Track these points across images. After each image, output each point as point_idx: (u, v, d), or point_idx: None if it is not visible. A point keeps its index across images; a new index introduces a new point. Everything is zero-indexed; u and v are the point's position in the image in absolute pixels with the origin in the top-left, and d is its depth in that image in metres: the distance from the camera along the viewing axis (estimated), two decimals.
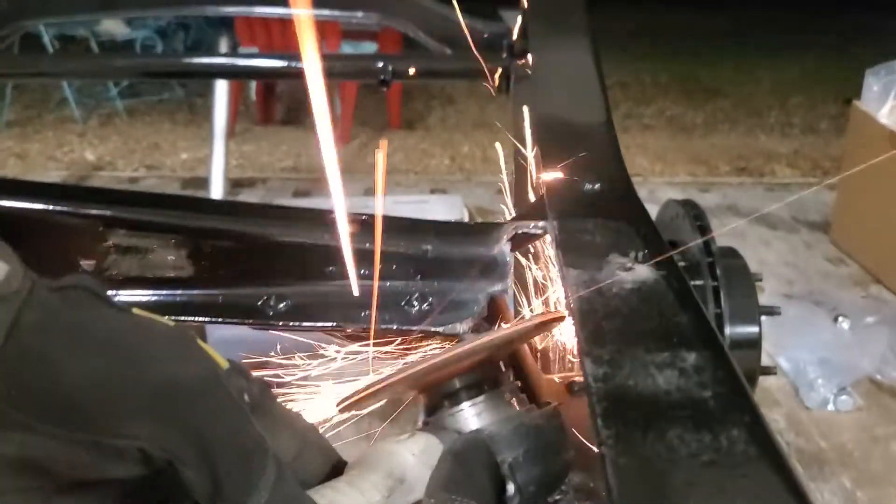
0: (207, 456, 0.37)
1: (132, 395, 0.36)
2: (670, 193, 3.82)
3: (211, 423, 0.37)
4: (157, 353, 0.38)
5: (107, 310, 0.39)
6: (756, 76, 6.15)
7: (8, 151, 4.38)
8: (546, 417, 0.51)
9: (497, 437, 0.49)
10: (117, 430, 0.35)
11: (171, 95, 5.29)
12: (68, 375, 0.35)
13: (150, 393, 0.36)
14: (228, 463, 0.37)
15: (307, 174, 4.16)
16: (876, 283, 2.98)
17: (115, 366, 0.36)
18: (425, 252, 0.66)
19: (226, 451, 0.37)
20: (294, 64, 1.38)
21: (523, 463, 0.48)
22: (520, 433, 0.49)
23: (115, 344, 0.37)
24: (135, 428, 0.36)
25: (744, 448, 0.36)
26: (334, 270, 0.67)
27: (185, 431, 0.36)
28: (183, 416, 0.37)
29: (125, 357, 0.37)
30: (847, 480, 1.98)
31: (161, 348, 0.38)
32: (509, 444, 0.48)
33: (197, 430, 0.37)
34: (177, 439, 0.36)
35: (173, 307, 0.67)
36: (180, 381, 0.37)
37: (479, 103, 5.42)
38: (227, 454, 0.37)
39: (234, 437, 0.38)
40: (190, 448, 0.36)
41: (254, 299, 0.66)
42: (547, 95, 0.91)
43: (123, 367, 0.36)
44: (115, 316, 0.39)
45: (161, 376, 0.37)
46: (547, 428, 0.50)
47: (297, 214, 0.68)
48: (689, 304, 0.49)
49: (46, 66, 1.46)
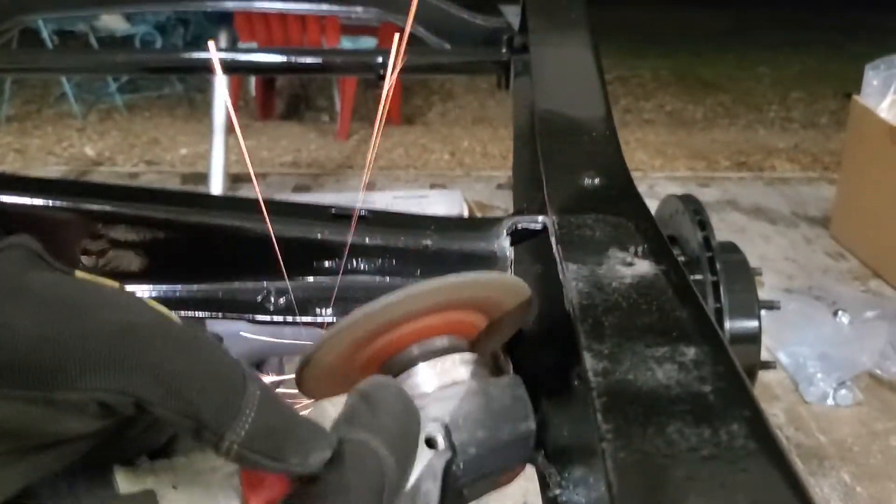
0: (176, 390, 0.35)
1: (83, 345, 0.34)
2: (670, 188, 3.83)
3: (173, 357, 0.36)
4: (105, 303, 0.36)
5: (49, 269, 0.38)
6: (756, 71, 6.15)
7: (7, 146, 4.38)
8: (503, 385, 0.50)
9: (440, 396, 0.49)
10: (71, 383, 0.34)
11: (170, 91, 5.29)
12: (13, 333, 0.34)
13: (103, 341, 0.35)
14: (201, 391, 0.36)
15: (307, 169, 4.16)
16: (876, 278, 2.99)
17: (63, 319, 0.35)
18: (425, 247, 0.66)
19: (195, 380, 0.36)
20: (293, 59, 1.38)
21: (464, 425, 0.47)
22: (464, 395, 0.49)
23: (61, 298, 0.36)
24: (90, 379, 0.34)
25: (743, 442, 0.36)
26: (335, 265, 0.67)
27: (146, 371, 0.35)
28: (140, 357, 0.35)
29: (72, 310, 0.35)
30: (846, 475, 1.99)
31: (109, 299, 0.36)
32: (451, 405, 0.48)
33: (158, 366, 0.35)
34: (139, 382, 0.35)
35: (173, 302, 0.67)
36: (132, 324, 0.35)
37: (479, 98, 5.43)
38: (196, 383, 0.36)
39: (201, 366, 0.36)
40: (156, 387, 0.35)
41: (254, 294, 0.67)
42: (546, 90, 0.91)
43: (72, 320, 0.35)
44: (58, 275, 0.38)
45: (112, 323, 0.35)
46: (500, 395, 0.50)
47: (296, 209, 0.68)
48: (689, 298, 0.49)
49: (46, 61, 1.46)
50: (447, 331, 0.53)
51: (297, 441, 0.38)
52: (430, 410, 0.48)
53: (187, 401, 0.35)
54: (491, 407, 0.49)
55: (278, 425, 0.38)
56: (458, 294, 0.52)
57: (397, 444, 0.42)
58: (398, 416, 0.44)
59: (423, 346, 0.52)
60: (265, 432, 0.37)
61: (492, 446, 0.48)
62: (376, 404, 0.44)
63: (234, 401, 0.36)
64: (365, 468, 0.40)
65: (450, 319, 0.53)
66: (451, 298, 0.51)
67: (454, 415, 0.48)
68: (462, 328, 0.54)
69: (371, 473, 0.40)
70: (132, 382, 0.35)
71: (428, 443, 0.47)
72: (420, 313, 0.51)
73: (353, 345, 0.51)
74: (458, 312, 0.53)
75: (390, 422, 0.43)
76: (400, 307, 0.49)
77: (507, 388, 0.50)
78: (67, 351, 0.34)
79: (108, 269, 0.66)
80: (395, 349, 0.52)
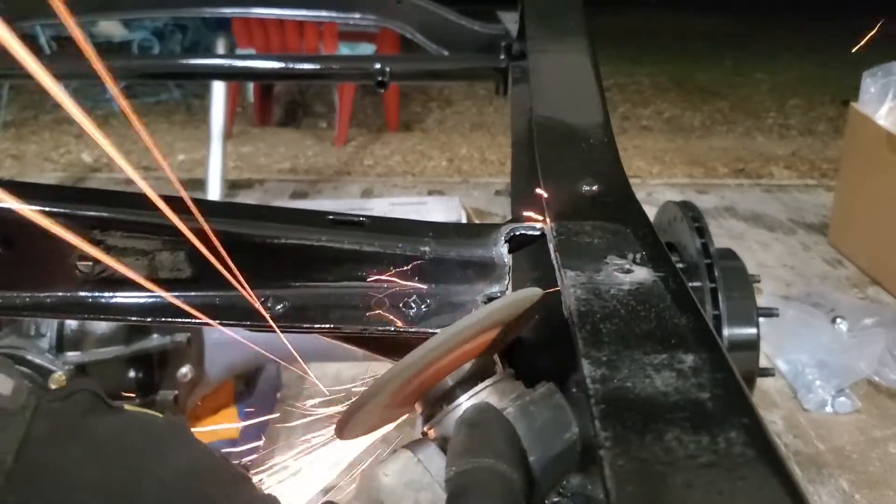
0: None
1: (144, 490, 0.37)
2: (668, 195, 3.83)
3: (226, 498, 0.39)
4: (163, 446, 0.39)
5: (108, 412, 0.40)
6: (754, 78, 6.17)
7: (4, 153, 4.38)
8: (539, 399, 0.50)
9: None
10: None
11: (168, 97, 5.29)
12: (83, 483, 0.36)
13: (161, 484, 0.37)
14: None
15: (305, 176, 4.16)
16: (874, 285, 2.99)
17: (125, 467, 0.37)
18: (423, 253, 0.66)
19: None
20: (291, 65, 1.38)
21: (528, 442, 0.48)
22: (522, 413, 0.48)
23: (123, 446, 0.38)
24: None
25: (742, 450, 0.36)
26: (333, 272, 0.66)
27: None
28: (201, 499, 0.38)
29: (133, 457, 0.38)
30: (845, 482, 1.99)
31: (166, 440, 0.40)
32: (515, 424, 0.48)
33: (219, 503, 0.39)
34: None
35: (170, 309, 0.67)
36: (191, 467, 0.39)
37: (477, 105, 5.44)
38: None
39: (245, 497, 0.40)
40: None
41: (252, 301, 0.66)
42: (544, 97, 0.91)
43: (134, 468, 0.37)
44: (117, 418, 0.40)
45: (173, 468, 0.38)
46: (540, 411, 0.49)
47: (294, 216, 0.68)
48: (688, 305, 0.49)
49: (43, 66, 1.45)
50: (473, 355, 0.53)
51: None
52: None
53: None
54: (535, 427, 0.48)
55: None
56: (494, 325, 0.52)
57: (517, 461, 0.44)
58: (508, 436, 0.45)
59: (456, 376, 0.52)
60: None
61: (545, 466, 0.48)
62: (485, 430, 0.45)
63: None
64: (497, 489, 0.41)
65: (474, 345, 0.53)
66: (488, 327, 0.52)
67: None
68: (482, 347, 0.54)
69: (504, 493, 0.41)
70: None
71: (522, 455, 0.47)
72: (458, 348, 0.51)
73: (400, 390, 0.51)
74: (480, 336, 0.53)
75: (504, 444, 0.44)
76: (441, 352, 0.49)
77: (545, 401, 0.50)
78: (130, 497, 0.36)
79: (105, 275, 0.66)
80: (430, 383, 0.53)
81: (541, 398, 0.50)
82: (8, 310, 0.63)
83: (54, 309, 0.67)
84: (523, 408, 0.49)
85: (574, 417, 0.50)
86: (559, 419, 0.49)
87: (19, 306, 0.64)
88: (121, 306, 0.67)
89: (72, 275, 0.66)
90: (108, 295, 0.67)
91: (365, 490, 0.47)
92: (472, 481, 0.41)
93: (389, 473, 0.47)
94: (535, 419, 0.49)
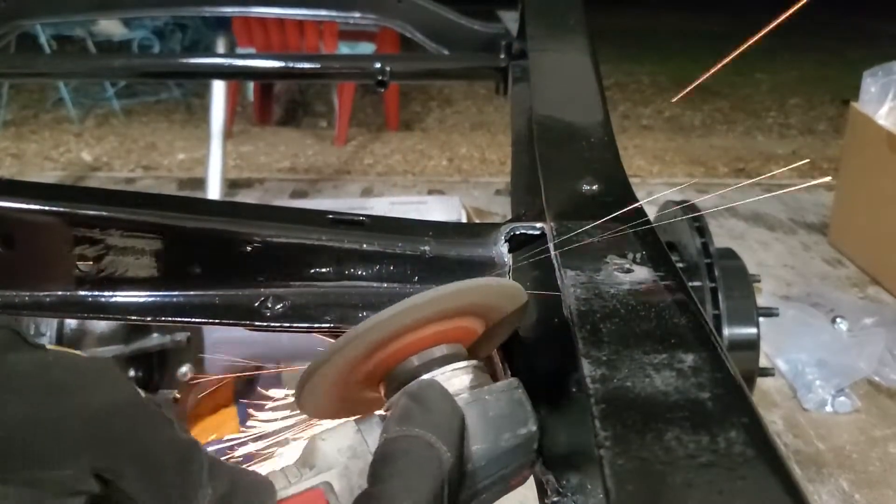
0: (148, 468, 0.38)
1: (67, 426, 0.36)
2: (668, 194, 3.83)
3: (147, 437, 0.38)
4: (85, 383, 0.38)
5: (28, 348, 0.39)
6: (754, 77, 6.17)
7: (4, 151, 4.38)
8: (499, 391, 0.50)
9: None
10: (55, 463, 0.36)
11: (168, 96, 5.29)
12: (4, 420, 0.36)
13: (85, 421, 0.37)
14: (169, 469, 0.38)
15: (304, 175, 4.16)
16: (874, 285, 2.99)
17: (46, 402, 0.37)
18: (423, 253, 0.66)
19: (164, 458, 0.38)
20: (291, 64, 1.38)
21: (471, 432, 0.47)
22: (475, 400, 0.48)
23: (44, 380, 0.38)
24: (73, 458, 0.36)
25: (741, 449, 0.36)
26: (333, 271, 0.66)
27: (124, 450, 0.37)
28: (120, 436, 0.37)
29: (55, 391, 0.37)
30: (845, 482, 1.99)
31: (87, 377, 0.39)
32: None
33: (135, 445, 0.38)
34: (117, 459, 0.37)
35: (170, 308, 0.67)
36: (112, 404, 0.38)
37: (477, 104, 5.44)
38: (166, 461, 0.38)
39: (170, 444, 0.39)
40: (131, 465, 0.37)
41: (251, 300, 0.66)
42: (545, 96, 0.91)
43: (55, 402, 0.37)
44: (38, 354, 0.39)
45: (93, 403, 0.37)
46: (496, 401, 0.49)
47: (294, 215, 0.68)
48: (688, 305, 0.49)
49: (43, 66, 1.46)
50: (445, 339, 0.53)
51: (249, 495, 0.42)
52: None
53: (157, 478, 0.38)
54: (487, 416, 0.48)
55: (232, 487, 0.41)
56: (461, 302, 0.51)
57: (451, 439, 0.43)
58: (447, 412, 0.45)
59: (423, 357, 0.52)
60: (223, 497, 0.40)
61: (491, 457, 0.47)
62: (427, 403, 0.45)
63: (198, 474, 0.39)
64: (422, 461, 0.41)
65: (448, 327, 0.53)
66: (453, 307, 0.51)
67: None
68: (459, 334, 0.54)
69: (429, 466, 0.41)
70: (110, 460, 0.37)
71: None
72: (422, 323, 0.51)
73: (355, 359, 0.50)
74: (456, 319, 0.53)
75: (441, 418, 0.44)
76: (404, 318, 0.49)
77: (503, 394, 0.50)
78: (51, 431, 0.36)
79: (104, 274, 0.66)
80: (395, 361, 0.52)
81: (499, 390, 0.50)
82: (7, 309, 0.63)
83: (54, 308, 0.67)
84: (478, 396, 0.49)
85: (533, 415, 0.50)
86: (515, 414, 0.49)
87: (19, 305, 0.64)
88: (120, 305, 0.67)
89: (71, 274, 0.66)
90: (108, 294, 0.67)
91: (303, 452, 0.47)
92: (399, 449, 0.42)
93: (327, 438, 0.47)
94: (488, 409, 0.48)
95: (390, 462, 0.41)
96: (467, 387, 0.51)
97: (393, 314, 0.48)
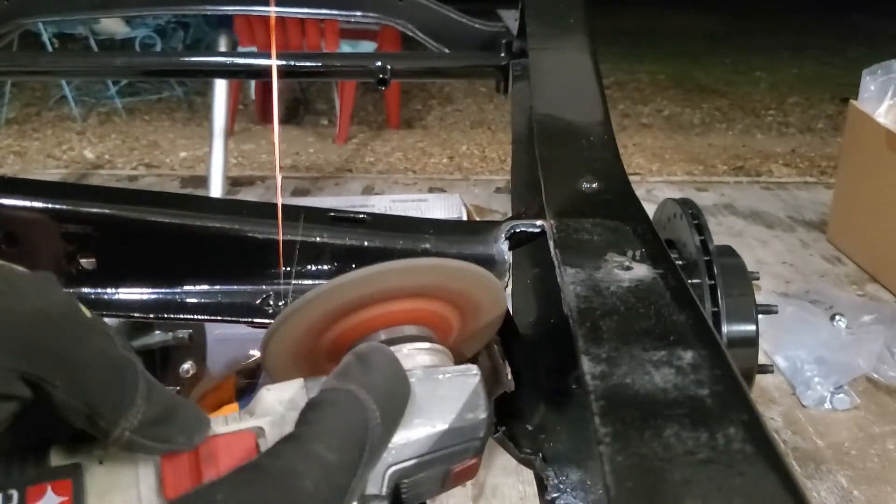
0: (76, 377, 0.37)
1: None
2: (668, 192, 3.83)
3: (76, 346, 0.37)
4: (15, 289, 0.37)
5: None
6: (753, 76, 6.17)
7: (7, 149, 4.38)
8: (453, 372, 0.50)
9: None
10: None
11: (170, 94, 5.29)
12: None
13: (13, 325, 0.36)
14: (100, 381, 0.38)
15: (306, 173, 4.16)
16: (873, 282, 2.99)
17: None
18: (424, 250, 0.66)
19: (95, 369, 0.38)
20: (293, 63, 1.38)
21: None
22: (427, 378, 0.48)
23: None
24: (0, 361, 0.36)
25: (740, 446, 0.37)
26: (334, 268, 0.67)
27: (51, 356, 0.37)
28: (47, 342, 0.37)
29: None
30: (843, 479, 1.99)
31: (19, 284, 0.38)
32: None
33: (62, 353, 0.37)
34: (44, 365, 0.36)
35: (172, 305, 0.67)
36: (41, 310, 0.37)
37: (478, 102, 5.44)
38: (97, 372, 0.38)
39: (102, 356, 0.38)
40: (59, 372, 0.37)
41: (253, 297, 0.67)
42: (545, 95, 0.92)
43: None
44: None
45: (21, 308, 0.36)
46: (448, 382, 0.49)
47: (295, 212, 0.68)
48: (687, 302, 0.49)
49: (45, 64, 1.46)
50: (417, 321, 0.53)
51: (183, 425, 0.41)
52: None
53: (86, 388, 0.37)
54: (436, 394, 0.48)
55: (165, 413, 0.40)
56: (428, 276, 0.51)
57: (385, 402, 0.43)
58: (389, 377, 0.45)
59: (391, 333, 0.52)
60: (155, 420, 0.39)
61: (432, 433, 0.47)
62: (369, 363, 0.44)
63: (129, 392, 0.38)
64: (348, 413, 0.41)
65: (421, 308, 0.53)
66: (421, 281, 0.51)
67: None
68: (433, 320, 0.54)
69: (354, 419, 0.41)
70: (38, 366, 0.36)
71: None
72: (390, 293, 0.51)
73: (321, 321, 0.51)
74: (429, 302, 0.53)
75: (381, 381, 0.44)
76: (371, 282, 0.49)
77: (457, 377, 0.49)
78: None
79: (107, 272, 0.67)
80: (363, 333, 0.52)
81: (454, 373, 0.50)
82: None
83: None
84: (431, 374, 0.49)
85: (485, 403, 0.49)
86: (466, 398, 0.48)
87: None
88: (123, 302, 0.67)
89: (74, 271, 0.66)
90: (111, 291, 0.67)
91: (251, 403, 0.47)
92: (328, 399, 0.41)
93: (272, 390, 0.47)
94: (438, 387, 0.48)
95: (317, 409, 0.41)
96: (424, 364, 0.51)
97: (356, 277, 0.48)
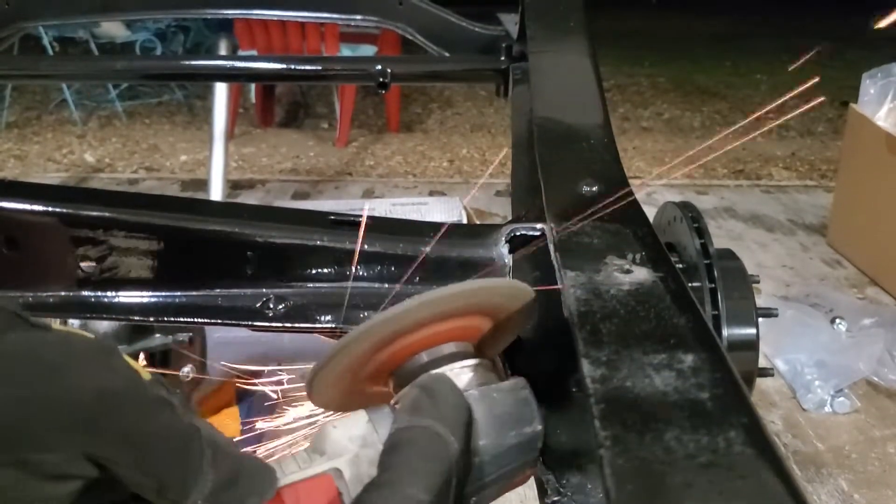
0: (144, 455, 0.38)
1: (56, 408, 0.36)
2: (668, 196, 3.83)
3: (142, 423, 0.38)
4: (81, 365, 0.38)
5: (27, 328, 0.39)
6: (753, 79, 6.16)
7: (7, 153, 4.38)
8: (506, 389, 0.50)
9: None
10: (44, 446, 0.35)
11: (170, 97, 5.29)
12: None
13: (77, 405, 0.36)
14: (166, 456, 0.38)
15: (306, 176, 4.16)
16: (873, 286, 2.99)
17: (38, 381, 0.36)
18: (424, 254, 0.66)
19: (161, 445, 0.38)
20: (293, 66, 1.38)
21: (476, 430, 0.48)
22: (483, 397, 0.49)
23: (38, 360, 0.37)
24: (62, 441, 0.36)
25: (741, 449, 0.37)
26: (335, 272, 0.67)
27: (118, 436, 0.37)
28: (113, 422, 0.37)
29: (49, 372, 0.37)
30: (844, 482, 1.99)
31: (85, 360, 0.38)
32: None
33: (129, 432, 0.37)
34: (110, 445, 0.37)
35: (172, 308, 0.67)
36: (106, 388, 0.37)
37: (478, 106, 5.44)
38: (163, 448, 0.38)
39: (167, 431, 0.39)
40: (126, 451, 0.37)
41: (253, 301, 0.67)
42: (545, 98, 0.92)
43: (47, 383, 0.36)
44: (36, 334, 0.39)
45: (86, 387, 0.37)
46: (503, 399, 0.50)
47: (296, 216, 0.68)
48: (687, 305, 0.49)
49: (46, 67, 1.46)
50: (454, 337, 0.54)
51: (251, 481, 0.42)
52: None
53: (153, 465, 0.38)
54: (494, 413, 0.49)
55: (233, 474, 0.41)
56: (470, 301, 0.52)
57: (460, 433, 0.44)
58: (457, 406, 0.46)
59: (432, 353, 0.52)
60: (225, 485, 0.40)
61: (495, 453, 0.48)
62: (436, 395, 0.45)
63: (195, 462, 0.39)
64: (431, 450, 0.42)
65: (456, 325, 0.53)
66: (463, 305, 0.52)
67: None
68: (468, 332, 0.55)
69: (437, 455, 0.42)
70: (103, 446, 0.37)
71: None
72: (431, 321, 0.51)
73: (365, 353, 0.51)
74: (464, 318, 0.53)
75: (451, 411, 0.45)
76: (416, 314, 0.50)
77: (510, 392, 0.50)
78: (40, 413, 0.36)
79: (107, 275, 0.67)
80: (405, 357, 0.53)
81: (507, 389, 0.51)
82: None
83: (57, 308, 0.67)
84: (486, 393, 0.50)
85: (539, 415, 0.50)
86: (521, 412, 0.50)
87: (23, 306, 0.64)
88: (123, 306, 0.67)
89: (74, 275, 0.66)
90: (111, 294, 0.67)
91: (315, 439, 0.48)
92: (408, 438, 0.42)
93: (338, 426, 0.47)
94: (495, 406, 0.49)
95: (399, 451, 0.41)
96: (475, 383, 0.51)
97: (405, 310, 0.49)
